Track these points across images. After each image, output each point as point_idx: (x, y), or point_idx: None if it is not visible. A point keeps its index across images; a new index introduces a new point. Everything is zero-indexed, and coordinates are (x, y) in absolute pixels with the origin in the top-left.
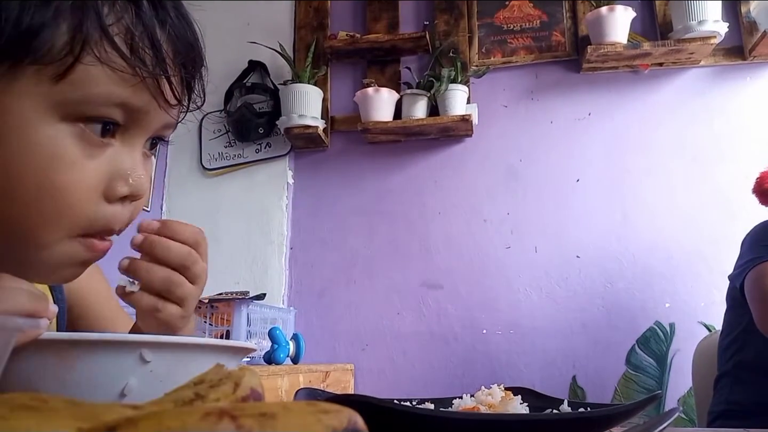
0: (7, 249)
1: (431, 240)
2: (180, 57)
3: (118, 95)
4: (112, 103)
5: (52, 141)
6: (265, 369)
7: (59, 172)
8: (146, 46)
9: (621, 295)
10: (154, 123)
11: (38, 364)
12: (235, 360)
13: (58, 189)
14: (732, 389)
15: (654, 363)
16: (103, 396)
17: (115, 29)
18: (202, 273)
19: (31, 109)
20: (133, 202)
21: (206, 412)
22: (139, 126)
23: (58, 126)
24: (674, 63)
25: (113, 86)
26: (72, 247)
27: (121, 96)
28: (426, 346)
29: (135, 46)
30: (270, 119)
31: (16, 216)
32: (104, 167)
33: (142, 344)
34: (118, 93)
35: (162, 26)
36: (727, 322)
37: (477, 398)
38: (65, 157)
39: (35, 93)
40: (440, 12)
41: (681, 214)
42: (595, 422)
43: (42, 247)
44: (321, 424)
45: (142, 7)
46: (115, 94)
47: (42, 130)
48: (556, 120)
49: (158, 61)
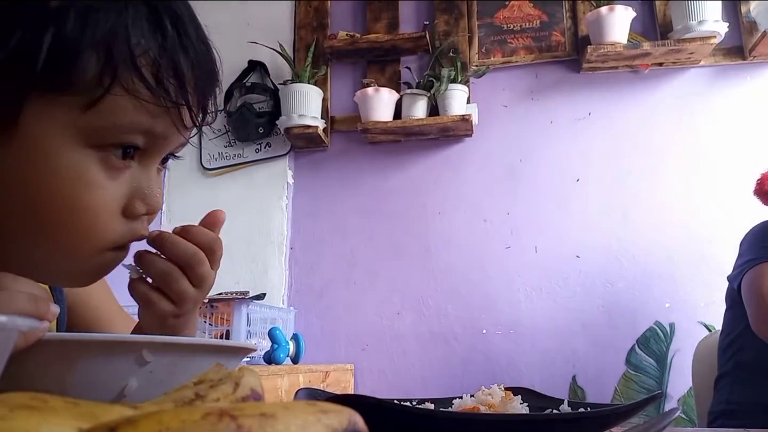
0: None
1: (431, 240)
2: (200, 83)
3: (142, 124)
4: (136, 132)
5: (78, 165)
6: (265, 369)
7: (84, 193)
8: (170, 77)
9: (621, 295)
10: (171, 145)
11: (39, 365)
12: (235, 360)
13: (83, 208)
14: (732, 389)
15: (654, 363)
16: (103, 396)
17: (142, 61)
18: (207, 276)
19: (60, 136)
20: (149, 216)
21: (206, 412)
22: (157, 149)
23: (84, 151)
24: (674, 63)
25: (138, 115)
26: (106, 258)
27: (144, 124)
28: (426, 346)
29: (160, 77)
30: (270, 119)
31: (47, 234)
32: (124, 188)
33: (143, 345)
34: (142, 122)
35: (185, 54)
36: (727, 323)
37: (477, 398)
38: (91, 179)
39: (65, 120)
40: (440, 12)
41: (681, 214)
42: (595, 422)
43: (78, 257)
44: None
45: (167, 36)
46: (139, 123)
47: (69, 155)
48: (556, 120)
49: (181, 90)
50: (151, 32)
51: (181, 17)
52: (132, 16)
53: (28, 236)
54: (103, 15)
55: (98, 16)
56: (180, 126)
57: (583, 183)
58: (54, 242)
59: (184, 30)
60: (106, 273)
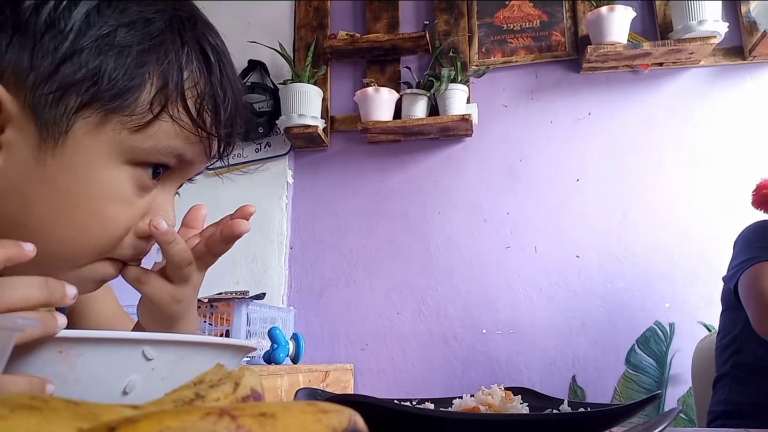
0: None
1: (431, 240)
2: (231, 119)
3: (178, 148)
4: (172, 155)
5: (115, 180)
6: (264, 369)
7: (115, 206)
8: (209, 110)
9: (621, 295)
10: (195, 171)
11: (40, 362)
12: (236, 358)
13: (109, 220)
14: (731, 389)
15: (654, 363)
16: (105, 394)
17: (189, 93)
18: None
19: (104, 151)
20: None
21: (206, 412)
22: (183, 173)
23: (123, 168)
24: (674, 63)
25: (177, 141)
26: (101, 267)
27: (179, 149)
28: (426, 346)
29: (201, 109)
30: (270, 119)
31: (62, 239)
32: (146, 206)
33: (145, 342)
34: (178, 146)
35: (224, 93)
36: (723, 324)
37: (477, 398)
38: (123, 194)
39: (112, 137)
40: (440, 12)
41: (681, 214)
42: (595, 422)
43: (74, 266)
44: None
45: (213, 74)
46: (175, 147)
47: (110, 170)
48: (556, 120)
49: (215, 123)
50: (200, 69)
51: (223, 58)
52: (187, 53)
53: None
54: (164, 49)
55: (160, 49)
56: (208, 154)
57: (583, 183)
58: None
59: (225, 70)
60: (92, 287)
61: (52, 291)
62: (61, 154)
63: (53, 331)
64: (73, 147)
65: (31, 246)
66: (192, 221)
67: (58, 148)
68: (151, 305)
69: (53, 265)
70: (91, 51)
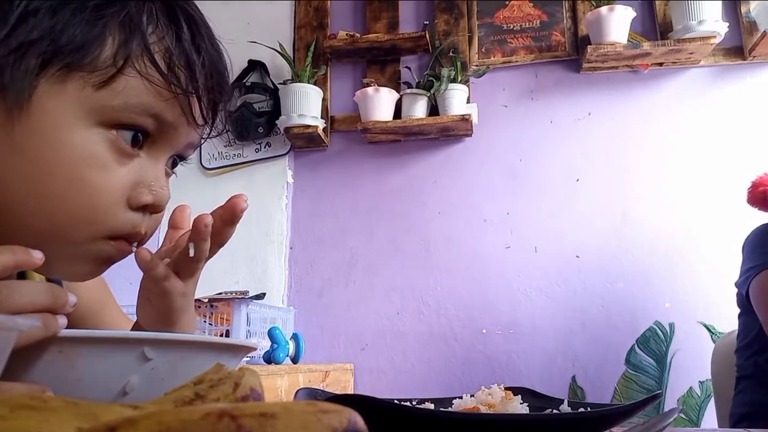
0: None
1: (431, 240)
2: (210, 82)
3: (153, 107)
4: (146, 114)
5: (87, 143)
6: (264, 369)
7: (92, 171)
8: (182, 66)
9: (621, 295)
10: (181, 139)
11: (40, 362)
12: (236, 358)
13: (89, 187)
14: (755, 390)
15: (653, 363)
16: (104, 394)
17: (156, 48)
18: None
19: (71, 112)
20: (153, 215)
21: (206, 412)
22: (167, 141)
23: (94, 130)
24: (674, 63)
25: (149, 98)
26: (100, 246)
27: (155, 108)
28: (426, 346)
29: (172, 64)
30: (270, 119)
31: (46, 213)
32: (131, 175)
33: (145, 342)
34: (152, 104)
35: (197, 52)
36: (743, 327)
37: (477, 398)
38: (98, 158)
39: (77, 97)
40: (440, 12)
41: (681, 214)
42: (595, 422)
43: (72, 243)
44: (321, 424)
45: (182, 32)
46: (150, 105)
47: (78, 132)
48: (556, 120)
49: (191, 81)
50: (166, 25)
51: (195, 19)
52: (149, 9)
53: (28, 213)
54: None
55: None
56: (190, 118)
57: (583, 183)
58: (52, 221)
59: (198, 30)
60: (101, 267)
61: (56, 297)
62: (27, 120)
63: (54, 332)
64: (39, 111)
65: (40, 254)
66: (179, 222)
67: (23, 115)
68: (161, 300)
69: (48, 244)
70: (46, 11)
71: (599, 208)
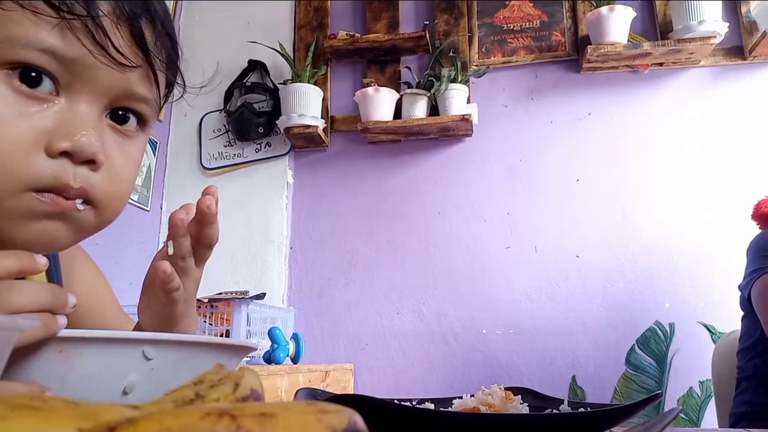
0: None
1: (431, 240)
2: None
3: (42, 40)
4: (36, 48)
5: None
6: (264, 369)
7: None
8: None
9: (621, 295)
10: (104, 83)
11: (40, 362)
12: (236, 358)
13: None
14: (755, 390)
15: (654, 363)
16: (105, 394)
17: None
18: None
19: None
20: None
21: (206, 412)
22: (85, 84)
23: None
24: (674, 63)
25: (36, 30)
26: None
27: (45, 41)
28: (426, 345)
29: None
30: (270, 119)
31: None
32: (45, 122)
33: (145, 341)
34: (41, 37)
35: None
36: (745, 329)
37: (477, 398)
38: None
39: None
40: (440, 12)
41: (681, 214)
42: (595, 422)
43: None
44: (321, 424)
45: None
46: (38, 38)
47: None
48: (556, 120)
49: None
50: None
51: None
52: None
53: None
54: None
55: None
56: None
57: (583, 183)
58: None
59: None
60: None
61: (56, 298)
62: None
63: (54, 332)
64: None
65: (44, 260)
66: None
67: None
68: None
69: None
70: None
71: (599, 208)
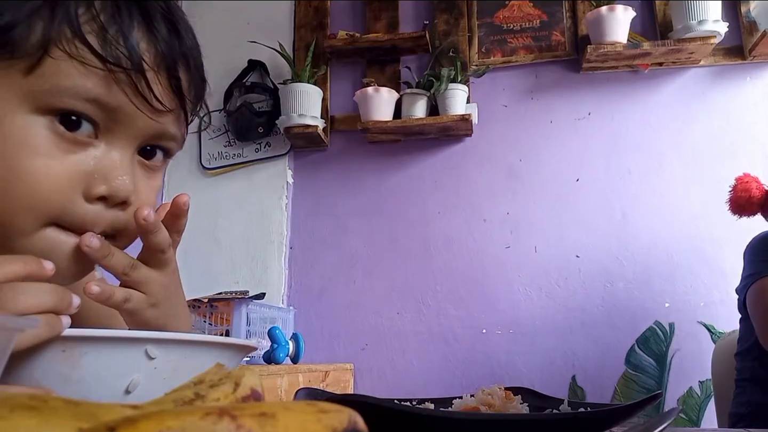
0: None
1: (431, 240)
2: (164, 60)
3: (88, 90)
4: (82, 98)
5: (23, 130)
6: (264, 369)
7: (29, 158)
8: (119, 45)
9: (621, 295)
10: (141, 127)
11: (44, 361)
12: (237, 357)
13: (27, 174)
14: (753, 391)
15: (653, 363)
16: (108, 392)
17: (87, 27)
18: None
19: (6, 101)
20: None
21: (206, 412)
22: (123, 128)
23: (30, 117)
24: (674, 63)
25: (83, 80)
26: (49, 234)
27: (91, 91)
28: (426, 345)
29: (108, 42)
30: (270, 119)
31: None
32: (84, 165)
33: (148, 341)
34: (88, 87)
35: (140, 27)
36: (742, 332)
37: (477, 398)
38: (36, 144)
39: (8, 84)
40: (440, 12)
41: (681, 214)
42: (595, 422)
43: (19, 233)
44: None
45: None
46: (84, 88)
47: (14, 120)
48: (556, 120)
49: (132, 59)
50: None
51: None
52: None
53: None
54: None
55: None
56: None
57: (583, 183)
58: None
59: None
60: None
61: (61, 298)
62: None
63: (58, 332)
64: None
65: (51, 265)
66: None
67: None
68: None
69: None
70: None
71: (599, 208)
